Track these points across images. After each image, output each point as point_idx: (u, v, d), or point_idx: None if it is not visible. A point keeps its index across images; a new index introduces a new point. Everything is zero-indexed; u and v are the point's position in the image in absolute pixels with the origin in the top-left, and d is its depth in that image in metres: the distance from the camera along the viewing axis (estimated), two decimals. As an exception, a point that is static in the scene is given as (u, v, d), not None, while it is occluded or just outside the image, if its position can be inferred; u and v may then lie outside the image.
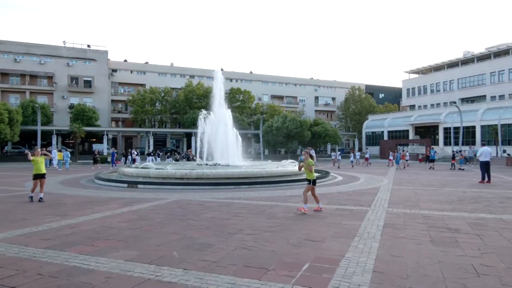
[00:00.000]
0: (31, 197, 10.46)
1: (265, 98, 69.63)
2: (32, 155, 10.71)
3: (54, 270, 4.51)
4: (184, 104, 54.62)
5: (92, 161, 32.25)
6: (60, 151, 30.57)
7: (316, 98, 75.40)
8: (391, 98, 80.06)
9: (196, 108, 50.50)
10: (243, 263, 4.75)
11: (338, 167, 26.76)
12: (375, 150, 51.96)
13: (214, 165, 19.00)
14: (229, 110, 22.76)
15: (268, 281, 4.09)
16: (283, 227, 6.96)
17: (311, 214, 8.35)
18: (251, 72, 71.56)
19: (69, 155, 29.63)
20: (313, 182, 8.74)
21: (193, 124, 42.07)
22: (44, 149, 36.63)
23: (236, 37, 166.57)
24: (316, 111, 74.16)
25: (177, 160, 37.13)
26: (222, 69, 67.45)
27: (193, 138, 45.68)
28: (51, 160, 30.44)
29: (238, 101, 58.65)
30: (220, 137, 21.39)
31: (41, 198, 10.42)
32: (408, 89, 70.31)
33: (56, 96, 53.55)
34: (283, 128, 47.41)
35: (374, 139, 59.24)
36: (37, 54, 52.57)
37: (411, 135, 53.06)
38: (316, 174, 8.84)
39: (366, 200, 10.59)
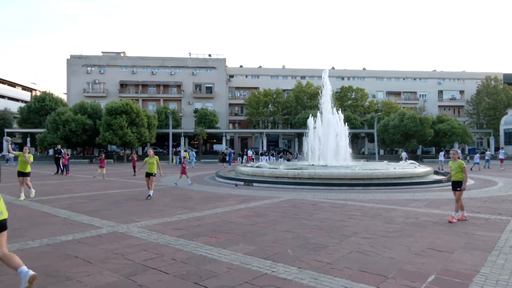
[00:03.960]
0: (149, 195, 11.00)
1: (379, 95, 65.75)
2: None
3: (185, 257, 5.10)
4: (295, 104, 55.49)
5: (219, 160, 35.40)
6: (186, 151, 34.32)
7: (440, 92, 67.81)
8: (539, 88, 66.73)
9: (307, 108, 50.76)
10: (359, 268, 4.58)
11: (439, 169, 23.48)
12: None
13: (325, 165, 18.77)
14: (340, 110, 22.19)
15: (387, 290, 3.86)
16: (402, 233, 6.47)
17: (436, 221, 7.56)
18: (364, 69, 68.49)
19: (195, 155, 33.11)
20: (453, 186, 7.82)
21: (304, 124, 42.27)
22: (175, 149, 41.42)
23: (348, 34, 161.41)
24: (439, 106, 66.76)
25: (289, 160, 37.92)
26: (333, 68, 66.44)
27: (304, 138, 45.94)
28: (181, 159, 34.55)
29: (350, 100, 56.78)
30: (330, 137, 21.08)
31: (149, 195, 10.93)
32: None
33: (183, 102, 60.64)
34: (400, 126, 44.03)
35: (515, 137, 50.24)
36: (169, 66, 60.51)
37: None
38: (437, 177, 7.94)
39: (506, 209, 9.07)
